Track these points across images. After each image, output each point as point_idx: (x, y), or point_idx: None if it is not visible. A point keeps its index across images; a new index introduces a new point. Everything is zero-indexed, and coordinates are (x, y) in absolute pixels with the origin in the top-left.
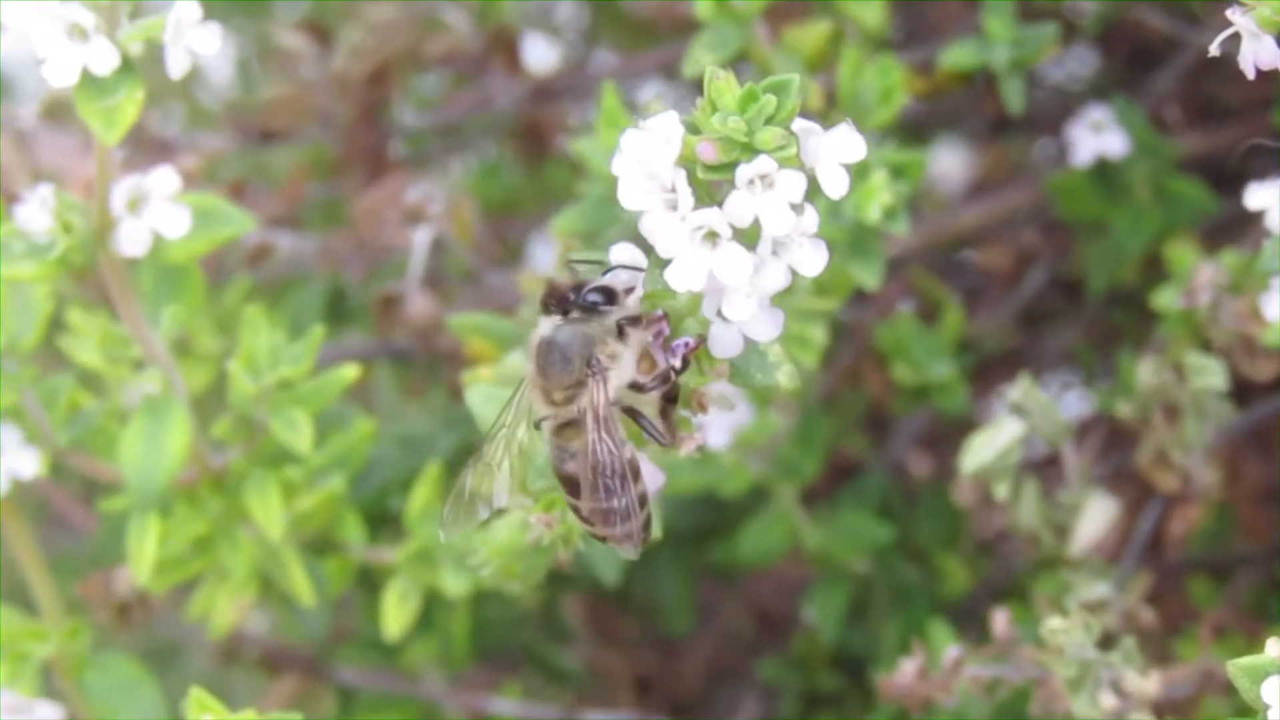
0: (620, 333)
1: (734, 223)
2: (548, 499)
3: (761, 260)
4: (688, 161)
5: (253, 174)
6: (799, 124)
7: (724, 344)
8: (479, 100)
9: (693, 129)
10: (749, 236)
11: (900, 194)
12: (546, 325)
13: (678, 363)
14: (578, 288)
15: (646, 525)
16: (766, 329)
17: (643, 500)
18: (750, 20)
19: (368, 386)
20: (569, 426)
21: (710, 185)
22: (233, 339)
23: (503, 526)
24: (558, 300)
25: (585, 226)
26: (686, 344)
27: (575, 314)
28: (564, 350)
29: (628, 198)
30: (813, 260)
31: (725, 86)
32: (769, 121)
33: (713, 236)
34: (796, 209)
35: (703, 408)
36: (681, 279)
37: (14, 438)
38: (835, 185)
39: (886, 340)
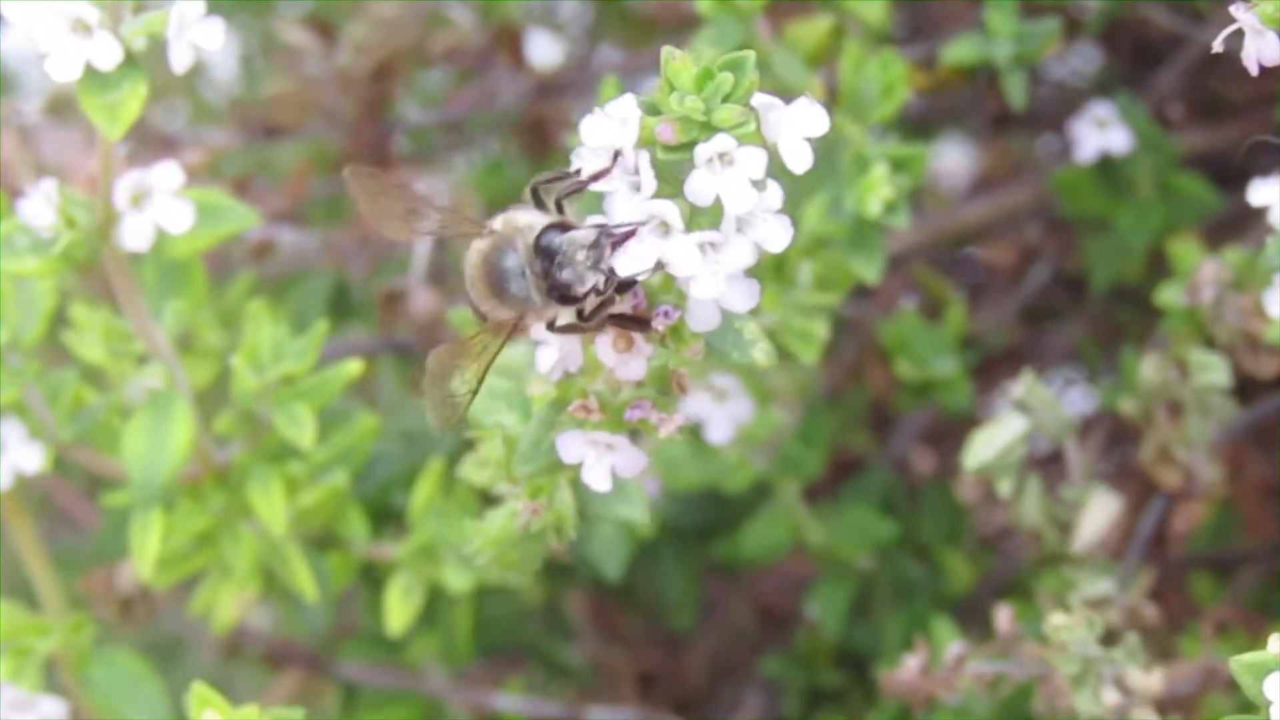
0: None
1: (696, 202)
2: (534, 485)
3: (726, 237)
4: (649, 143)
5: (256, 170)
6: (760, 99)
7: (701, 317)
8: (483, 96)
9: (652, 110)
10: (713, 214)
11: (901, 188)
12: (515, 247)
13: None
14: (561, 276)
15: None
16: (741, 299)
17: None
18: (752, 16)
19: (371, 382)
20: None
21: (671, 165)
22: (236, 334)
23: (495, 516)
24: (544, 252)
25: None
26: (665, 313)
27: (540, 274)
28: (500, 290)
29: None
30: (777, 235)
31: (682, 66)
32: (726, 99)
33: (665, 226)
34: (758, 185)
35: (682, 388)
36: (627, 264)
37: (17, 433)
38: (798, 159)
39: (889, 336)
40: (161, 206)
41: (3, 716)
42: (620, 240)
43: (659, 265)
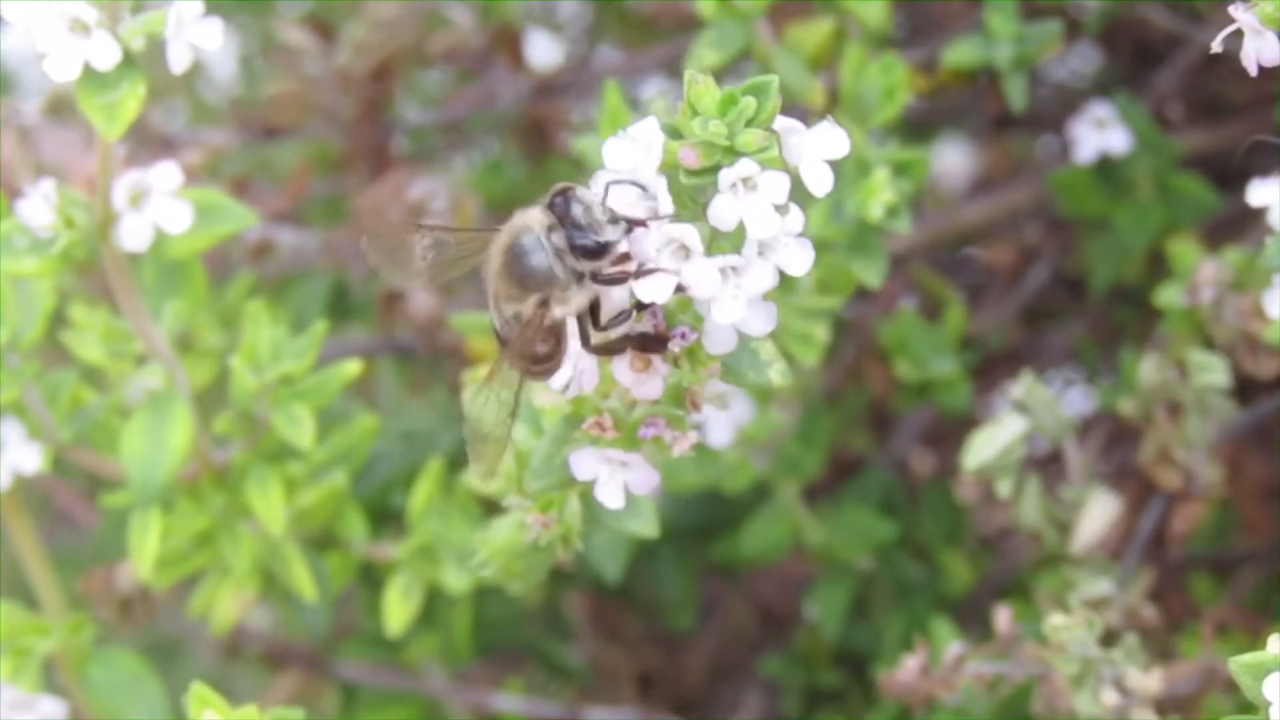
0: (581, 280)
1: (718, 226)
2: (545, 499)
3: (748, 261)
4: (671, 167)
5: (256, 170)
6: (781, 122)
7: (718, 340)
8: (482, 97)
9: (674, 133)
10: (734, 238)
11: (903, 192)
12: (531, 229)
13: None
14: (580, 227)
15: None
16: (759, 323)
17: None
18: (753, 18)
19: (370, 383)
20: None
21: (693, 189)
22: (235, 334)
23: (502, 526)
24: (557, 218)
25: None
26: (683, 335)
27: (561, 243)
28: (523, 273)
29: (616, 205)
30: (799, 260)
31: (704, 90)
32: (749, 123)
33: (685, 250)
34: (781, 209)
35: (696, 406)
36: (648, 291)
37: (17, 433)
38: (819, 183)
39: (889, 337)
40: (160, 207)
41: (3, 716)
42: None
43: (679, 288)
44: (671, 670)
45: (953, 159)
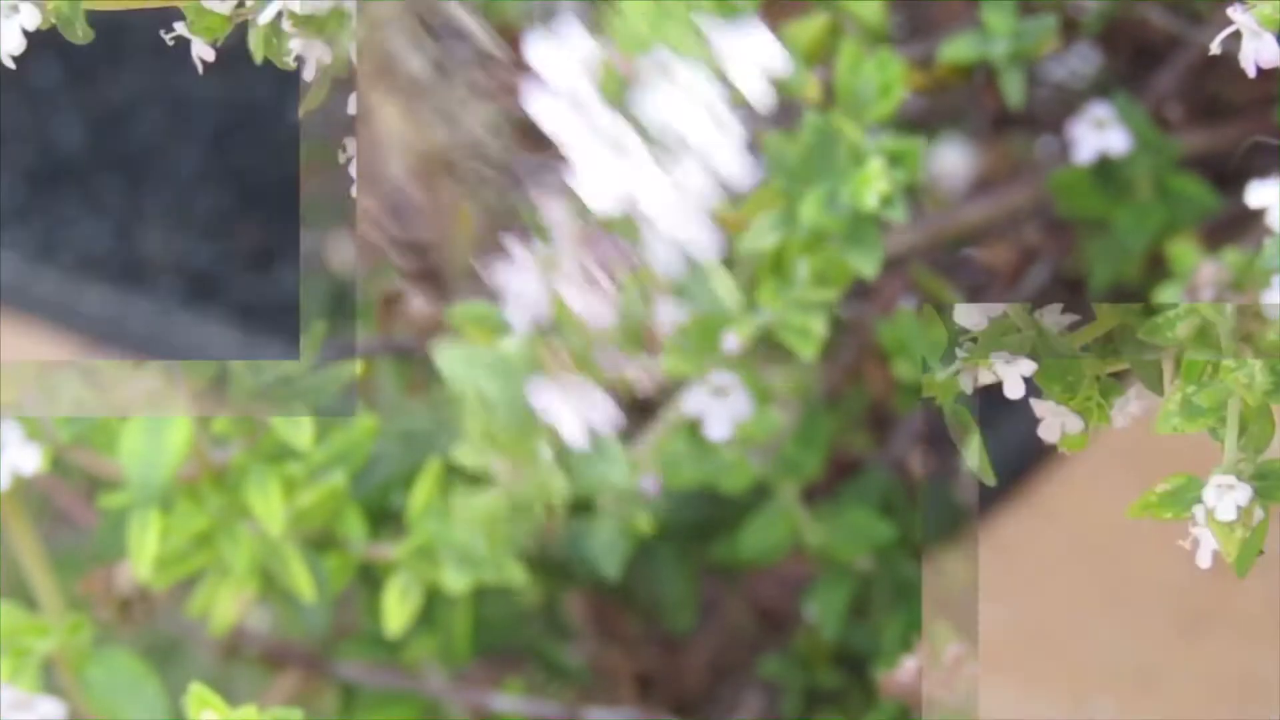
0: None
1: (646, 127)
2: (513, 446)
3: (676, 160)
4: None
5: None
6: (708, 22)
7: (664, 258)
8: None
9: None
10: (666, 143)
11: (897, 181)
12: None
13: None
14: None
15: None
16: (702, 237)
17: None
18: (747, 14)
19: (370, 383)
20: None
21: (623, 95)
22: None
23: (480, 494)
24: None
25: None
26: (624, 252)
27: None
28: None
29: (549, 120)
30: (735, 163)
31: None
32: (675, 19)
33: (620, 148)
34: (712, 110)
35: (655, 345)
36: (595, 195)
37: (16, 434)
38: (750, 84)
39: (888, 337)
40: None
41: (2, 717)
42: None
43: (626, 195)
44: (670, 670)
45: (951, 160)
